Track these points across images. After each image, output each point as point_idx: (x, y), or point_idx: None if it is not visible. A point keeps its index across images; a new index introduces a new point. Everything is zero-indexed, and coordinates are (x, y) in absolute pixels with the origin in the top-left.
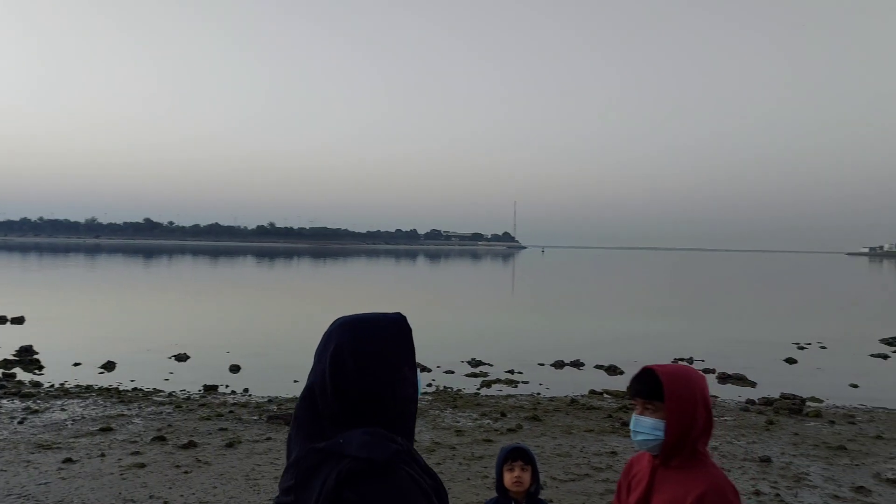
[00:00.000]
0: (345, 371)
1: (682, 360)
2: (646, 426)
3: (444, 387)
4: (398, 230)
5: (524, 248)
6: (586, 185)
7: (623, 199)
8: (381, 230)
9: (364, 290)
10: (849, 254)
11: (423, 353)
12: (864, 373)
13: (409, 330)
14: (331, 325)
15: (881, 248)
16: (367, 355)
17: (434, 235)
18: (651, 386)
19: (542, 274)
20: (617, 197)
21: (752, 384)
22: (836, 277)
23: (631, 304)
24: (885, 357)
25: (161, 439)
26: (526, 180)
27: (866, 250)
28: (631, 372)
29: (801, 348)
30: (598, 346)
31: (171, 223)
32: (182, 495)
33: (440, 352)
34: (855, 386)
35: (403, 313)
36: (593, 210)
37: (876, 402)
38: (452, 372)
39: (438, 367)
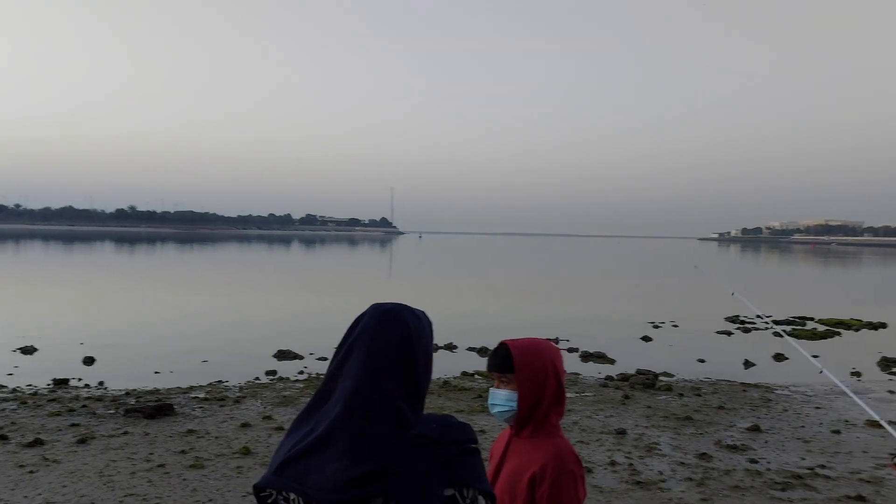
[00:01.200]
0: (416, 354)
1: (549, 340)
2: (501, 398)
3: (317, 373)
4: (271, 215)
5: (402, 233)
6: (464, 171)
7: (500, 185)
8: (253, 214)
9: (235, 275)
10: (700, 239)
11: (296, 340)
12: (710, 349)
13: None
14: (376, 310)
15: (728, 233)
16: (426, 342)
17: (309, 220)
18: (505, 359)
19: (419, 259)
20: (494, 183)
21: (612, 361)
22: (688, 260)
23: (504, 288)
24: (729, 334)
25: (2, 438)
26: (403, 166)
27: (716, 236)
28: None
29: (656, 327)
30: (471, 328)
31: (17, 206)
32: (26, 496)
33: (313, 339)
34: (702, 361)
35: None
36: (471, 196)
37: (720, 375)
38: (325, 359)
39: (311, 354)
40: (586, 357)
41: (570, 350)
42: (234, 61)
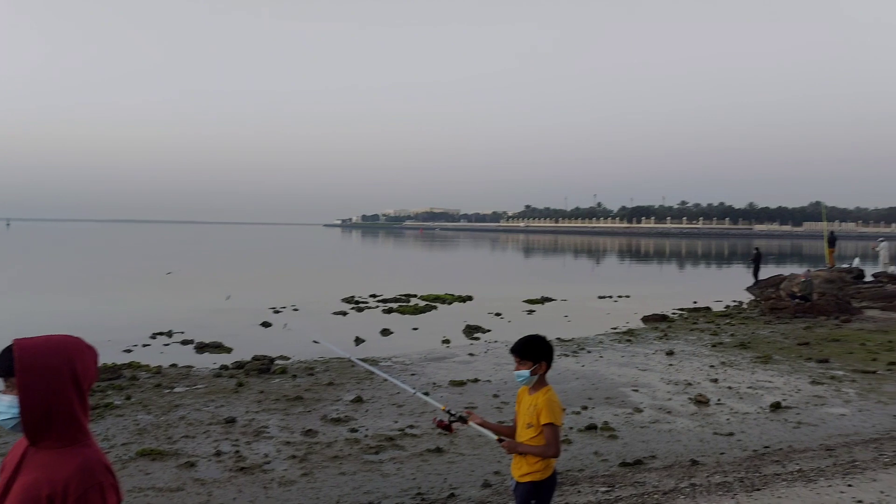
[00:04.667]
0: None
1: (161, 333)
2: (3, 405)
3: None
4: None
5: None
6: (62, 148)
7: (112, 165)
8: None
9: None
10: (325, 225)
11: None
12: (327, 329)
13: None
14: None
15: (350, 220)
16: None
17: None
18: (6, 362)
19: (3, 251)
20: (106, 163)
21: (229, 350)
22: (314, 245)
23: (109, 279)
24: (345, 314)
25: None
26: None
27: (339, 222)
28: (104, 352)
29: (277, 312)
30: (75, 325)
31: None
32: None
33: None
34: (317, 342)
35: None
36: (76, 178)
37: (331, 353)
38: None
39: None
40: (202, 348)
41: (185, 342)
42: None
